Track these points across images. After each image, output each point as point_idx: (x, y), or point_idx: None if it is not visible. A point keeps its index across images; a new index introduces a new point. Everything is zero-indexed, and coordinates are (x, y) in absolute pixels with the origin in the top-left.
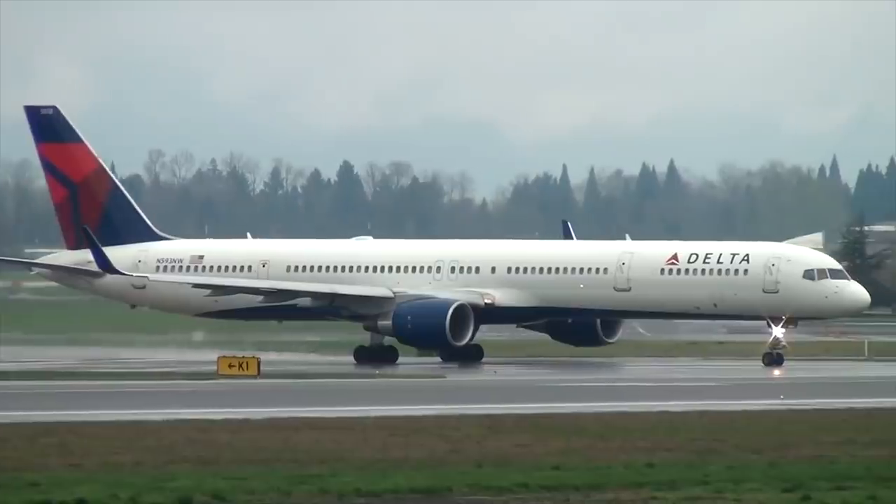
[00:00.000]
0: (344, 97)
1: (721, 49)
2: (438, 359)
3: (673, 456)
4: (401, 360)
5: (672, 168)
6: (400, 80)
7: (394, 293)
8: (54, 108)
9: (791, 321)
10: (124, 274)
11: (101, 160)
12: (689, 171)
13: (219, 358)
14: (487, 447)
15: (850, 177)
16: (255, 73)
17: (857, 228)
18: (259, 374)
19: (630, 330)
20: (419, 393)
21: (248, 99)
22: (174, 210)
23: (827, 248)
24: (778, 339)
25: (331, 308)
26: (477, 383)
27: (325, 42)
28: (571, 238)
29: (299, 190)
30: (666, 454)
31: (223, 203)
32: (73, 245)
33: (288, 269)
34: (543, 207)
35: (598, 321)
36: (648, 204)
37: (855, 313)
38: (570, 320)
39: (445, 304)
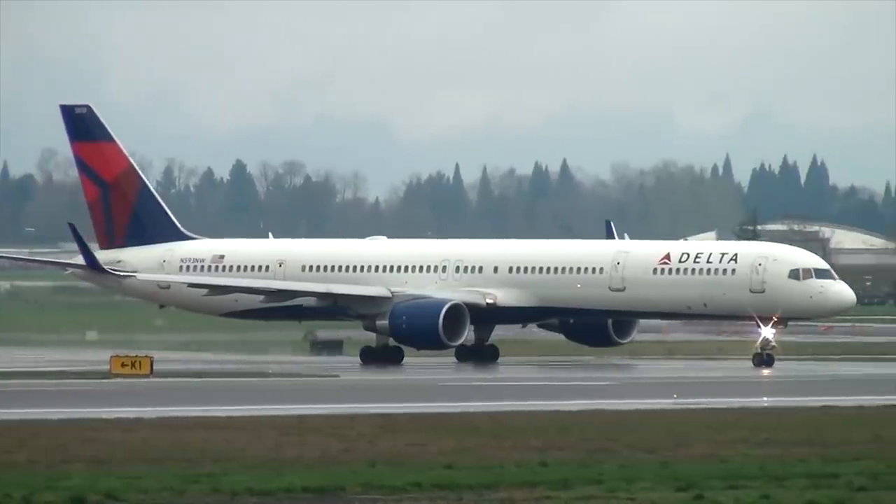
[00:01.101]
0: (237, 97)
1: (614, 48)
2: (454, 359)
3: (566, 455)
4: (415, 359)
5: (565, 167)
6: (293, 80)
7: (392, 293)
8: (88, 106)
9: (780, 321)
10: (110, 272)
11: (131, 159)
12: (582, 170)
13: (112, 357)
14: (381, 446)
15: (743, 176)
16: (146, 73)
17: (750, 227)
18: (152, 373)
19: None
20: (313, 392)
21: (140, 98)
22: (66, 209)
23: None
24: (767, 339)
25: (336, 308)
26: (371, 383)
27: (218, 41)
28: (614, 238)
29: (192, 189)
30: (559, 453)
31: None
32: (105, 245)
33: (302, 268)
34: (436, 206)
35: (609, 322)
36: (541, 203)
37: (840, 313)
38: (571, 321)
39: (439, 305)
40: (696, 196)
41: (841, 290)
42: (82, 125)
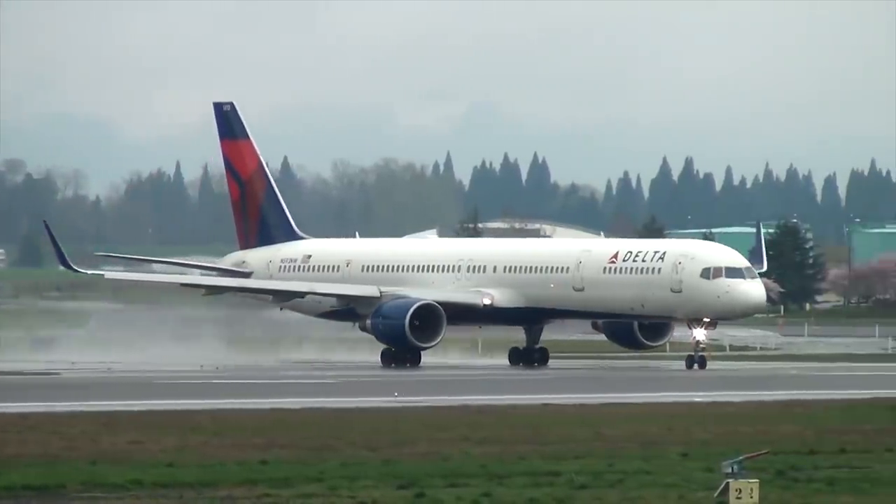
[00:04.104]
0: None
1: (335, 45)
2: (507, 362)
3: (288, 453)
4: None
5: (286, 165)
6: (14, 76)
7: (381, 292)
8: (231, 104)
9: (712, 323)
10: (77, 271)
11: (262, 158)
12: (304, 167)
13: None
14: (102, 444)
15: (464, 174)
16: None
17: (471, 225)
18: None
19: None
20: (32, 390)
21: None
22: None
23: None
24: (699, 340)
25: (349, 308)
26: (92, 380)
27: None
28: (761, 241)
29: None
30: (281, 451)
31: None
32: (243, 245)
33: (362, 268)
34: (157, 205)
35: (636, 323)
36: None
37: (749, 314)
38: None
39: (407, 305)
40: (417, 194)
41: (748, 290)
42: (227, 122)
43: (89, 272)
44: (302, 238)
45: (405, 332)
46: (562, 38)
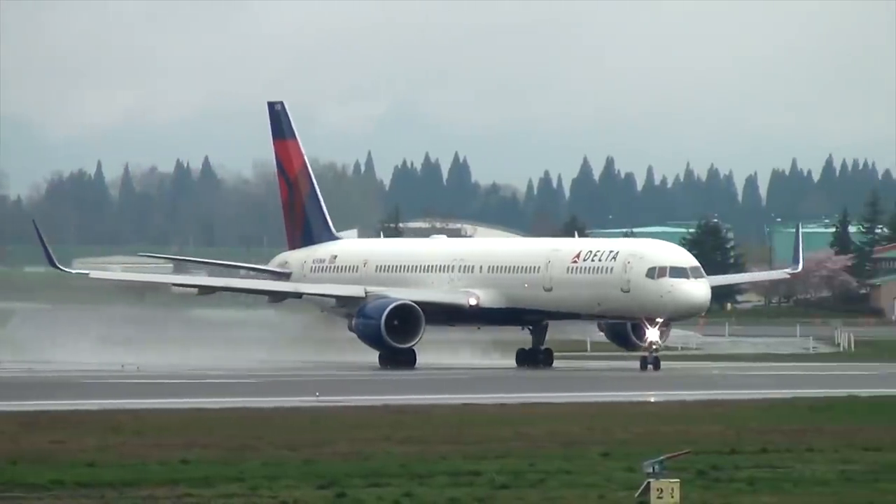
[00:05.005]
0: None
1: (253, 45)
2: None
3: (209, 453)
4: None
5: (206, 164)
6: None
7: (366, 293)
8: (282, 103)
9: (665, 323)
10: (63, 270)
11: (306, 158)
12: (224, 167)
13: None
14: (22, 444)
15: (385, 173)
16: None
17: (393, 225)
18: None
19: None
20: None
21: None
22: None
23: None
24: (651, 341)
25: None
26: (12, 380)
27: None
28: (799, 242)
29: None
30: (202, 451)
31: None
32: (290, 245)
33: (376, 268)
34: (79, 204)
35: (629, 324)
36: (183, 201)
37: (692, 314)
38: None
39: (383, 306)
40: (338, 193)
41: (690, 291)
42: (277, 122)
43: (73, 272)
44: (337, 238)
45: (381, 331)
46: (483, 38)
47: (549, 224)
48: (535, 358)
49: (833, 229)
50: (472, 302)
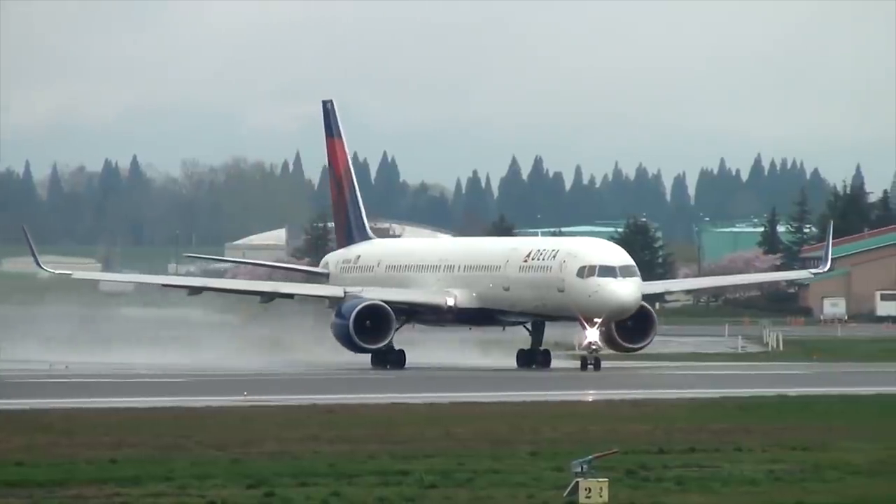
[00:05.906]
0: None
1: (183, 46)
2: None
3: (137, 452)
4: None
5: (135, 164)
6: None
7: (345, 293)
8: (331, 101)
9: (604, 322)
10: (48, 271)
11: (349, 158)
12: (153, 166)
13: None
14: None
15: (313, 173)
16: None
17: (321, 224)
18: None
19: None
20: None
21: None
22: None
23: (289, 245)
24: (590, 342)
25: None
26: None
27: None
28: (829, 242)
29: None
30: (130, 450)
31: None
32: (339, 246)
33: (386, 268)
34: (5, 205)
35: (613, 324)
36: (112, 201)
37: (619, 314)
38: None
39: (353, 306)
40: (266, 193)
41: (615, 290)
42: (328, 121)
43: (57, 272)
44: (370, 238)
45: (349, 332)
46: (411, 38)
47: (479, 224)
48: (533, 359)
49: (762, 229)
50: (451, 302)
